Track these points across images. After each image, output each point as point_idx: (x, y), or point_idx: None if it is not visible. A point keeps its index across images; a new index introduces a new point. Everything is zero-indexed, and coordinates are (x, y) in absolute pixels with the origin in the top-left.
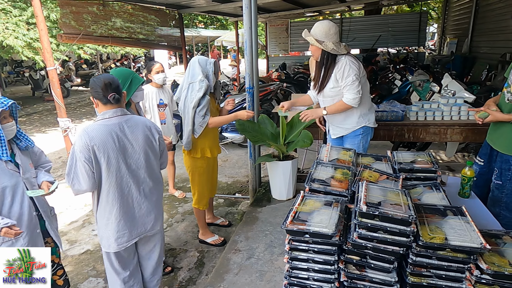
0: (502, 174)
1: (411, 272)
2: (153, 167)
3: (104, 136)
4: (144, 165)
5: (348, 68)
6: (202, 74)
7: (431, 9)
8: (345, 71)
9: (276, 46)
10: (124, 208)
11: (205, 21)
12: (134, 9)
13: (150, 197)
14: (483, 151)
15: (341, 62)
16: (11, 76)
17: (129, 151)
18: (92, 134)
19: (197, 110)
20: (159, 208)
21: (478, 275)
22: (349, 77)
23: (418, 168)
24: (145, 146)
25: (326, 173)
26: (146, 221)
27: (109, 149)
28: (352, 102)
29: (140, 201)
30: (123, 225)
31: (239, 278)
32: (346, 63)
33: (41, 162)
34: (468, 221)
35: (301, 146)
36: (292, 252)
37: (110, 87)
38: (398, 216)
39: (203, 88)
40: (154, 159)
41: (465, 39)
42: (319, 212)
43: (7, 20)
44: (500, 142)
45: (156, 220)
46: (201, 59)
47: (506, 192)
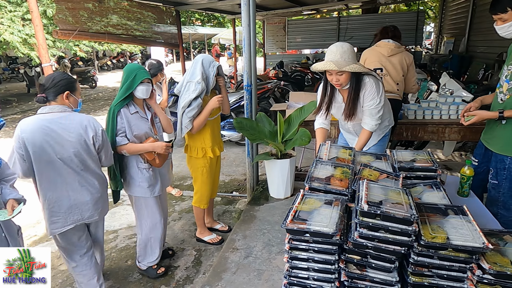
0: (498, 173)
1: (413, 272)
2: (87, 162)
3: (34, 129)
4: (76, 160)
5: (374, 91)
6: (201, 76)
7: (428, 8)
8: (370, 93)
9: (273, 44)
10: (56, 197)
11: (202, 19)
12: (130, 5)
13: (87, 189)
14: (477, 151)
15: (367, 84)
16: (6, 72)
17: (60, 146)
18: (24, 127)
19: (186, 111)
20: (98, 200)
21: (480, 274)
22: (373, 99)
23: (418, 167)
24: (77, 142)
25: (325, 172)
26: (82, 209)
27: (37, 141)
28: (373, 128)
29: (74, 192)
30: (56, 212)
31: (237, 277)
32: (372, 84)
33: (5, 176)
34: (470, 221)
35: (299, 144)
36: (292, 252)
37: (42, 87)
38: (400, 215)
39: (197, 90)
40: (87, 155)
41: (462, 39)
42: (319, 211)
43: (2, 16)
44: (494, 142)
45: (95, 210)
46: (205, 60)
47: (502, 191)
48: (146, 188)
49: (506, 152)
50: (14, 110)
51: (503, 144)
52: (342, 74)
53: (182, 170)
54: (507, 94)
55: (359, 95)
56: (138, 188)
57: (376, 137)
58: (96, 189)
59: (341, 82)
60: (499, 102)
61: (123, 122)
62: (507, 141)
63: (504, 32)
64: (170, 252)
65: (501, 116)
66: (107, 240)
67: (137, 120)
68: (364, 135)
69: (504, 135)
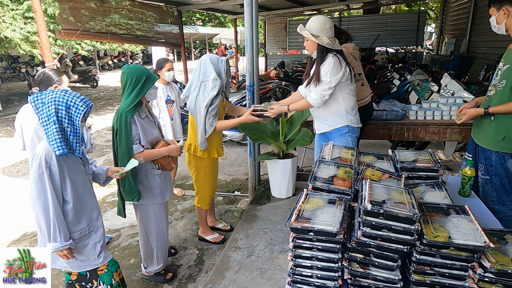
0: (487, 170)
1: (415, 270)
2: None
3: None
4: None
5: (330, 67)
6: (215, 73)
7: (430, 8)
8: (324, 69)
9: (274, 44)
10: None
11: (203, 19)
12: (132, 5)
13: None
14: (470, 147)
15: (328, 59)
16: (7, 72)
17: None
18: (21, 112)
19: (209, 109)
20: None
21: (481, 273)
22: (325, 76)
23: (420, 167)
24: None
25: (329, 172)
26: None
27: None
28: (314, 103)
29: None
30: None
31: (239, 276)
32: (331, 61)
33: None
34: (471, 220)
35: (301, 145)
36: (296, 250)
37: (35, 82)
38: (403, 214)
39: (216, 87)
40: None
41: (463, 39)
42: (322, 210)
43: (3, 13)
44: (481, 136)
45: None
46: (212, 57)
47: (494, 187)
48: (158, 195)
49: (490, 147)
50: (16, 109)
51: (487, 138)
52: (308, 40)
53: (184, 170)
54: (492, 90)
55: (319, 67)
56: (149, 195)
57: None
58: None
59: (307, 48)
60: (486, 99)
61: (137, 129)
62: (491, 136)
63: (492, 26)
64: (172, 251)
65: (486, 112)
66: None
67: (148, 125)
68: (302, 101)
69: (489, 130)
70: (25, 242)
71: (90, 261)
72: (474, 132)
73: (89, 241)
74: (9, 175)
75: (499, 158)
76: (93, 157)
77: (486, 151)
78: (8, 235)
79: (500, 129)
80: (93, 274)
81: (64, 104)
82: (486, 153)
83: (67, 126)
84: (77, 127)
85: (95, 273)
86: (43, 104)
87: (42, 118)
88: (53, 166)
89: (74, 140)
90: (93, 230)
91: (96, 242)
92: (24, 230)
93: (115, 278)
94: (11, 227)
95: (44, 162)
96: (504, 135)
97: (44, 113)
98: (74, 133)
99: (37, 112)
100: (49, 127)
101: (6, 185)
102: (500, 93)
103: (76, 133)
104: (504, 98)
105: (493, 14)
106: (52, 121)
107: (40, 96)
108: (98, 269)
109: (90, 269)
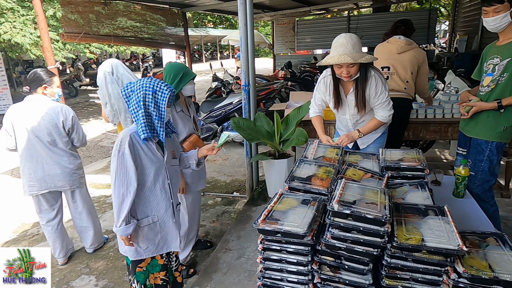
0: (475, 165)
1: (386, 275)
2: (56, 141)
3: (19, 112)
4: (49, 138)
5: (381, 84)
6: None
7: (441, 6)
8: (377, 88)
9: (283, 45)
10: (33, 166)
11: (214, 21)
12: (140, 8)
13: (58, 163)
14: (461, 142)
15: (372, 78)
16: (22, 76)
17: (37, 125)
18: (11, 110)
19: None
20: (68, 174)
21: (455, 278)
22: (383, 93)
23: (404, 166)
24: (49, 124)
25: (308, 171)
26: (55, 179)
27: (20, 121)
28: (387, 120)
29: (48, 165)
30: (33, 178)
31: (227, 278)
32: (377, 78)
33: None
34: (448, 222)
35: (296, 144)
36: (265, 252)
37: (26, 81)
38: (372, 215)
39: None
40: (57, 135)
41: (475, 36)
42: (294, 211)
43: (14, 19)
44: (476, 129)
45: (66, 182)
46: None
47: (477, 184)
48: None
49: (491, 138)
50: None
51: (483, 128)
52: (353, 66)
53: None
54: (490, 85)
55: (367, 86)
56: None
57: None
58: (65, 164)
59: (351, 74)
60: (485, 93)
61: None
62: (491, 127)
63: (496, 24)
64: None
65: (500, 105)
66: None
67: (180, 119)
68: (373, 122)
69: (480, 118)
70: (25, 242)
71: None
72: (462, 125)
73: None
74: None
75: (495, 148)
76: (99, 159)
77: (482, 143)
78: (8, 235)
79: (502, 120)
80: (133, 268)
81: (151, 89)
82: (481, 146)
83: (153, 111)
84: (162, 112)
85: (134, 268)
86: (132, 92)
87: (131, 106)
88: (126, 150)
89: (158, 124)
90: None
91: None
92: (24, 230)
93: (150, 279)
94: (11, 227)
95: (119, 146)
96: (506, 126)
97: (134, 100)
98: (159, 117)
99: (127, 101)
100: (137, 112)
101: (6, 185)
102: (502, 86)
103: (160, 118)
104: (506, 91)
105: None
106: (140, 106)
107: (130, 85)
108: (138, 265)
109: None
